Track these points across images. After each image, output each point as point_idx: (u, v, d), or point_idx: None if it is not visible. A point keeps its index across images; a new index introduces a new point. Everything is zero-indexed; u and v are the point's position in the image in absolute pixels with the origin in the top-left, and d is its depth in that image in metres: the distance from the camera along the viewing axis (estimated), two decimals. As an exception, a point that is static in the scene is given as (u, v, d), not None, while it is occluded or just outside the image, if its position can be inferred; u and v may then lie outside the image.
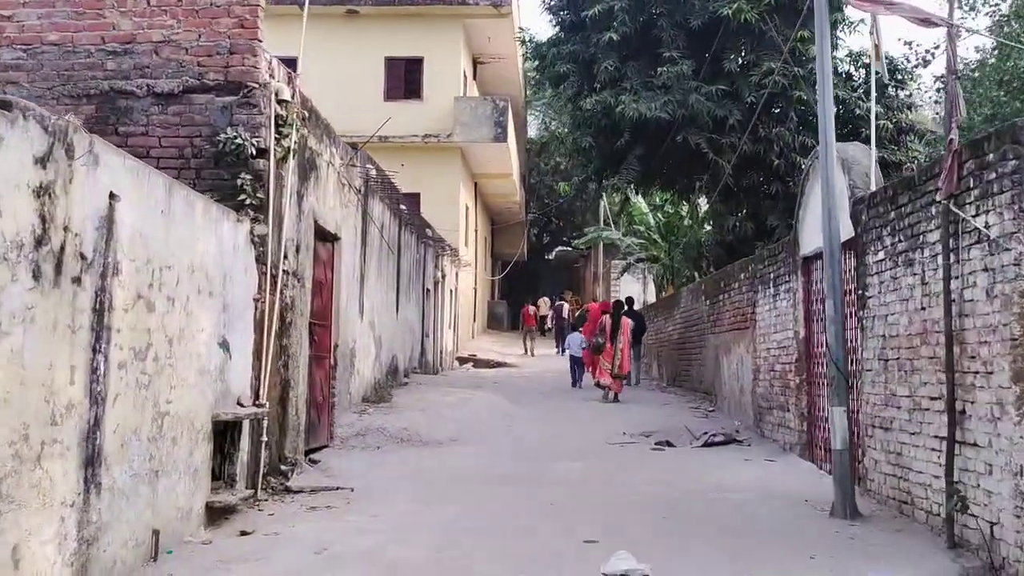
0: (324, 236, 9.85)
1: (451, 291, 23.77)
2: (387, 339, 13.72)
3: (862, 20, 15.11)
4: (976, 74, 24.37)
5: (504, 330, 37.32)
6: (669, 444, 10.59)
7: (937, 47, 20.46)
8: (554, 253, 51.27)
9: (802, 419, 9.48)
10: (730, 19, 14.28)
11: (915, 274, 6.55)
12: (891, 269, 6.99)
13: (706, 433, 11.01)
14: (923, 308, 6.41)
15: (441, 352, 21.69)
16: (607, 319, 16.32)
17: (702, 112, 14.85)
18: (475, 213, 30.83)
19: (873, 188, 7.83)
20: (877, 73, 8.69)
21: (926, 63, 20.28)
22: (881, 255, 7.22)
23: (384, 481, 8.27)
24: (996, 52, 24.19)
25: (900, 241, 6.83)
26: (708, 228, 18.16)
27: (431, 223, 20.73)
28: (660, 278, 23.22)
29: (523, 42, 17.57)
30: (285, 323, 8.06)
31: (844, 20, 15.43)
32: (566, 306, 31.13)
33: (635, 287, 29.55)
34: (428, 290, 19.09)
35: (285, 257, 7.99)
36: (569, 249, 48.64)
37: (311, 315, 9.26)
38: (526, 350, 28.19)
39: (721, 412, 13.16)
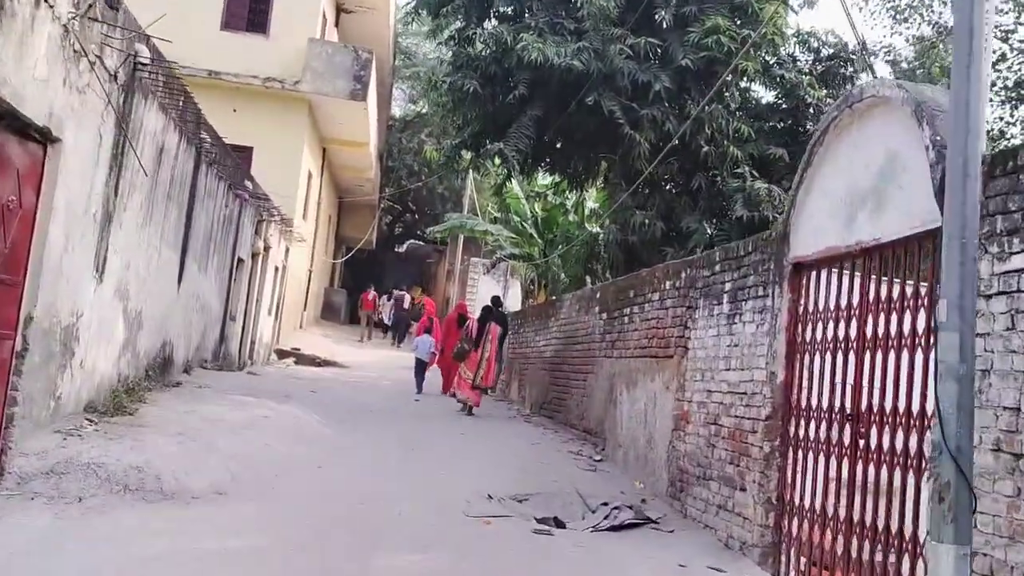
0: (18, 126, 5.62)
1: (277, 268, 19.40)
2: (154, 317, 9.41)
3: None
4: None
5: (340, 323, 32.92)
6: (557, 523, 7.01)
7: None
8: (405, 245, 47.49)
9: (769, 508, 6.15)
10: (673, -46, 11.04)
11: None
12: (1059, 287, 3.72)
13: (606, 505, 7.54)
14: None
15: (253, 343, 17.29)
16: (473, 322, 13.70)
17: (622, 72, 11.51)
18: (320, 184, 26.42)
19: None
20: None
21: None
22: (1026, 259, 3.94)
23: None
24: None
25: (1093, 235, 3.56)
26: (600, 226, 14.88)
27: (263, 186, 16.41)
28: (529, 281, 19.81)
29: (400, -41, 13.63)
30: None
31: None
32: (407, 296, 29.54)
33: (495, 290, 26.12)
34: (241, 260, 14.74)
35: None
36: (422, 243, 44.93)
37: (-37, 259, 5.05)
38: (361, 337, 28.05)
39: (614, 464, 9.78)
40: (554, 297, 16.28)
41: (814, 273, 6.11)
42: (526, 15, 11.77)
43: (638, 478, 8.90)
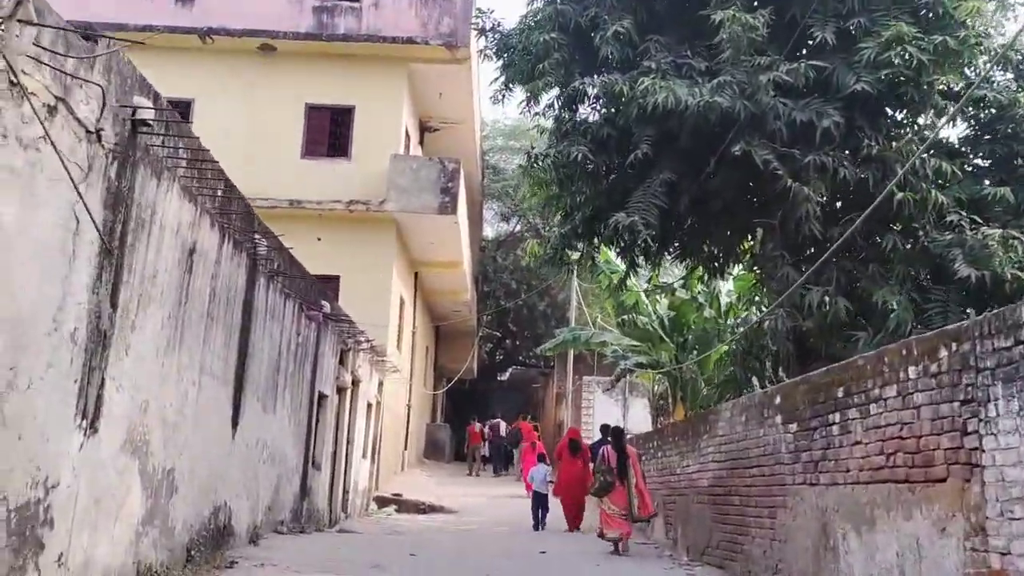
0: None
1: (370, 404, 17.14)
2: (197, 474, 7.04)
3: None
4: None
5: (446, 461, 30.35)
6: None
7: None
8: (508, 372, 45.26)
9: None
10: (827, -44, 8.67)
11: None
12: None
13: None
14: None
15: (345, 492, 14.84)
16: (609, 450, 11.86)
17: (775, 111, 9.02)
18: (414, 311, 24.54)
19: None
20: None
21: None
22: None
23: None
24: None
25: None
26: (734, 316, 11.99)
27: (353, 316, 14.52)
28: (658, 397, 16.85)
29: (482, 31, 11.72)
30: None
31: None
32: (502, 424, 28.86)
33: (613, 410, 23.18)
34: (324, 396, 12.49)
35: None
36: (525, 368, 42.54)
37: None
38: (471, 471, 27.49)
39: (852, 647, 6.60)
40: (696, 411, 13.32)
41: None
42: (643, 62, 9.48)
43: (909, 675, 5.75)
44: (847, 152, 9.41)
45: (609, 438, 12.30)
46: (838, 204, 10.42)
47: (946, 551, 5.44)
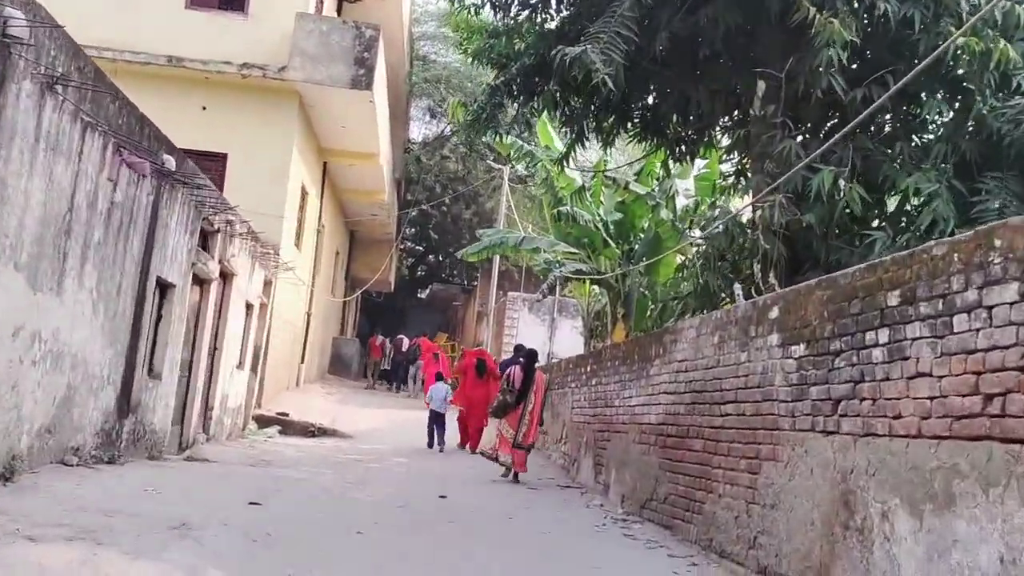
0: None
1: (251, 305, 14.22)
2: None
3: None
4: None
5: (352, 377, 27.80)
6: None
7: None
8: (429, 289, 42.76)
9: None
10: None
11: None
12: None
13: None
14: None
15: (208, 409, 12.07)
16: (517, 371, 11.12)
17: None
18: (320, 207, 21.44)
19: None
20: None
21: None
22: None
23: None
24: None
25: None
26: (721, 207, 9.44)
27: (242, 203, 11.74)
28: (593, 316, 14.38)
29: None
30: None
31: None
32: (405, 340, 27.16)
33: (540, 331, 20.81)
34: (171, 286, 9.57)
35: None
36: (446, 285, 40.08)
37: None
38: (369, 384, 26.91)
39: None
40: (641, 331, 10.86)
41: None
42: None
43: None
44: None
45: (521, 358, 11.24)
46: (857, 64, 7.86)
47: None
